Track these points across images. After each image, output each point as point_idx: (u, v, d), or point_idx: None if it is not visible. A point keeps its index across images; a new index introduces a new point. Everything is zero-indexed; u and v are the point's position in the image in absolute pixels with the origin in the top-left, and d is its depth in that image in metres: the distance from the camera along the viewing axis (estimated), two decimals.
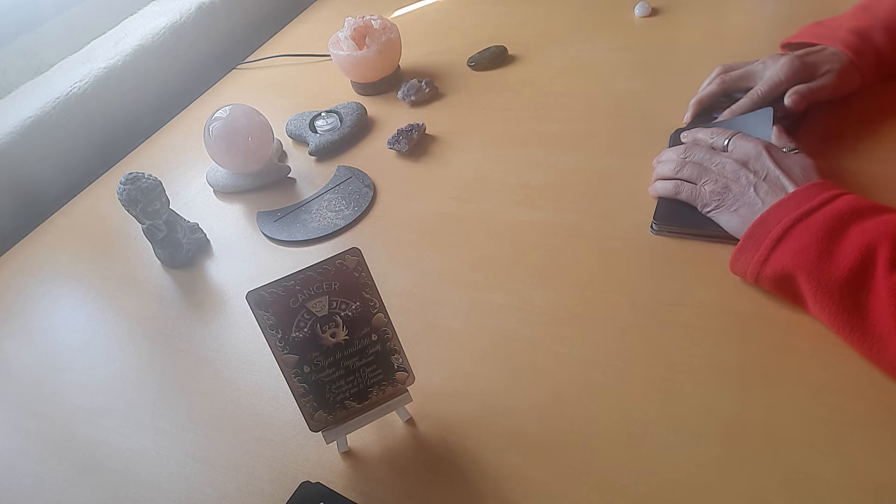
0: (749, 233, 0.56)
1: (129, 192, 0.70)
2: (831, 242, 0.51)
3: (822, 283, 0.51)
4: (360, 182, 0.81)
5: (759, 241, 0.55)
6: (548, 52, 0.97)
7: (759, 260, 0.55)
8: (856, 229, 0.51)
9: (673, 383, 0.52)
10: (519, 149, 0.81)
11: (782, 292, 0.55)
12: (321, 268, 0.48)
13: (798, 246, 0.52)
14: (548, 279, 0.63)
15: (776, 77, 0.70)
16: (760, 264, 0.55)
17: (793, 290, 0.54)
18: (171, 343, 0.67)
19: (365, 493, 0.50)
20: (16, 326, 0.73)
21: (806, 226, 0.53)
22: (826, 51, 0.71)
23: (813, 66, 0.70)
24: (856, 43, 0.70)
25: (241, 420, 0.58)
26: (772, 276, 0.54)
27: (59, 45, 1.03)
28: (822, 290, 0.51)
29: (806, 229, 0.53)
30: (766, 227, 0.55)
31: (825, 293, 0.51)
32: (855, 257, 0.50)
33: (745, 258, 0.56)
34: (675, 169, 0.65)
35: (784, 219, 0.54)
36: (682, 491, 0.46)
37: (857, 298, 0.49)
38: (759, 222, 0.56)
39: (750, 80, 0.73)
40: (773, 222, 0.55)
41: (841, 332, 0.51)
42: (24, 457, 0.59)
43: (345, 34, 0.95)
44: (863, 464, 0.45)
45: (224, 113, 0.82)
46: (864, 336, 0.49)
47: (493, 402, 0.54)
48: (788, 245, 0.53)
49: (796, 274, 0.52)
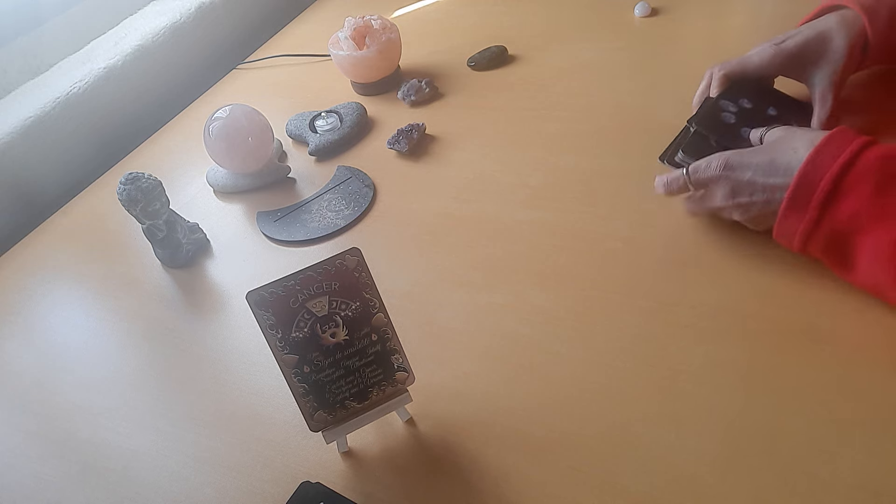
0: (790, 195, 0.53)
1: (129, 192, 0.70)
2: (886, 192, 0.49)
3: (882, 238, 0.48)
4: (360, 182, 0.81)
5: (804, 200, 0.52)
6: (548, 52, 0.97)
7: (809, 221, 0.52)
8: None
9: (673, 383, 0.52)
10: (519, 149, 0.81)
11: (830, 255, 0.53)
12: (321, 268, 0.47)
13: (854, 200, 0.50)
14: (548, 279, 0.63)
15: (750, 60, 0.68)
16: (812, 226, 0.52)
17: (843, 253, 0.51)
18: (171, 343, 0.67)
19: (365, 493, 0.50)
20: (16, 326, 0.73)
21: (855, 177, 0.50)
22: (812, 22, 0.69)
23: (788, 38, 0.68)
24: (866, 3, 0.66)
25: (241, 420, 0.58)
26: (826, 236, 0.52)
27: (59, 45, 1.03)
28: (882, 246, 0.48)
29: (856, 181, 0.50)
30: (809, 184, 0.51)
31: (887, 248, 0.48)
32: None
33: (792, 222, 0.53)
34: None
35: (826, 172, 0.51)
36: (682, 491, 0.46)
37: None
38: (798, 183, 0.52)
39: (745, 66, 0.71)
40: (816, 178, 0.51)
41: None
42: (24, 457, 0.59)
43: (345, 34, 0.95)
44: (863, 464, 0.45)
45: (224, 113, 0.82)
46: None
47: (493, 402, 0.54)
48: (842, 200, 0.50)
49: (855, 231, 0.50)
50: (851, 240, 0.51)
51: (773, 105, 0.69)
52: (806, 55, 0.67)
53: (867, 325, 0.53)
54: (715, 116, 0.67)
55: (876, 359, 0.51)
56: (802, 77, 0.69)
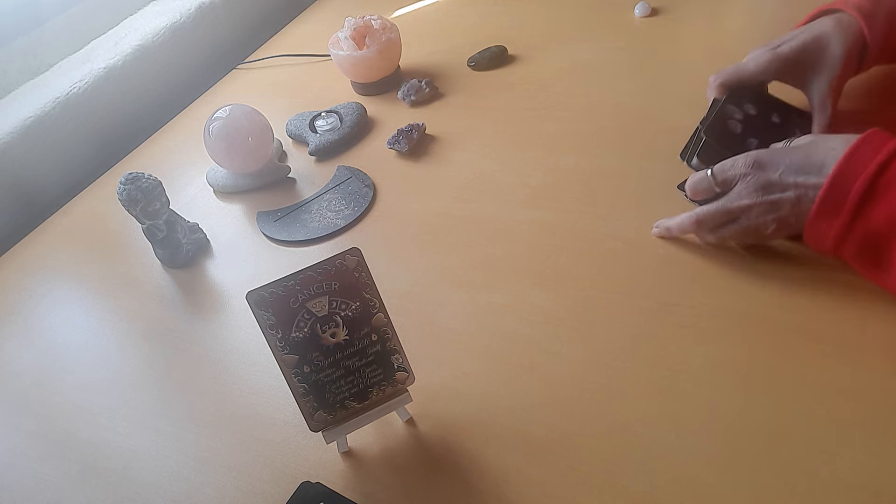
0: (823, 197, 0.51)
1: (129, 191, 0.70)
2: None
3: None
4: (360, 182, 0.81)
5: (838, 203, 0.50)
6: (548, 52, 0.97)
7: (842, 225, 0.50)
8: None
9: (673, 383, 0.52)
10: (519, 149, 0.81)
11: (864, 260, 0.51)
12: (321, 268, 0.47)
13: (891, 203, 0.48)
14: (548, 279, 0.63)
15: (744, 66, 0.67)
16: (846, 229, 0.50)
17: (878, 257, 0.50)
18: (171, 343, 0.67)
19: (365, 493, 0.50)
20: (16, 326, 0.73)
21: (891, 179, 0.48)
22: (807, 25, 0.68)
23: (784, 42, 0.67)
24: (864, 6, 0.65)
25: (241, 420, 0.58)
26: (860, 240, 0.50)
27: (59, 45, 1.03)
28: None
29: (893, 183, 0.48)
30: (843, 186, 0.49)
31: None
32: None
33: (825, 225, 0.51)
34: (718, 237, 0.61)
35: (861, 174, 0.49)
36: (682, 491, 0.46)
37: None
38: (832, 184, 0.50)
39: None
40: (851, 180, 0.49)
41: None
42: (24, 457, 0.59)
43: (345, 34, 0.95)
44: (863, 464, 0.45)
45: (224, 113, 0.82)
46: None
47: (493, 402, 0.54)
48: (879, 203, 0.48)
49: (891, 235, 0.48)
50: (886, 243, 0.50)
51: (775, 112, 0.69)
52: (803, 60, 0.66)
53: (867, 326, 0.53)
54: (723, 124, 0.66)
55: (876, 359, 0.51)
56: (800, 83, 0.68)
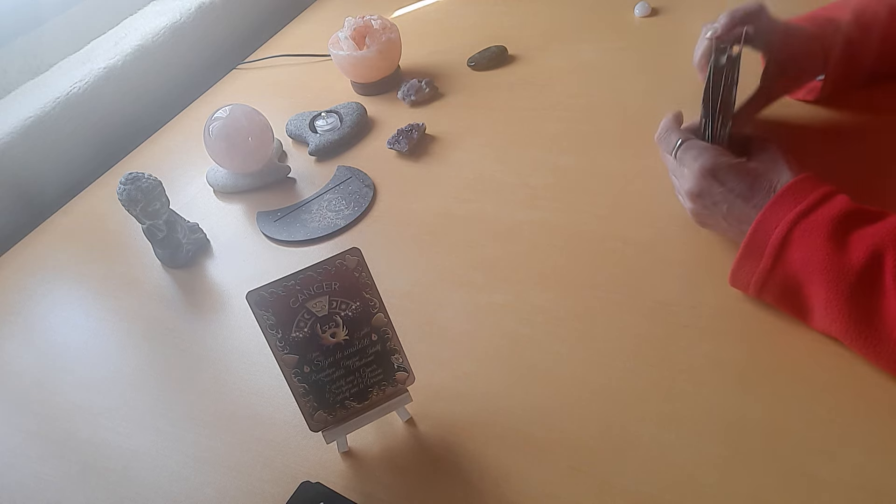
0: (747, 242, 0.53)
1: (129, 191, 0.70)
2: (838, 246, 0.49)
3: (833, 291, 0.48)
4: (360, 182, 0.81)
5: (759, 248, 0.52)
6: (548, 52, 0.97)
7: (763, 270, 0.52)
8: (858, 234, 0.49)
9: (673, 383, 0.52)
10: (519, 149, 0.81)
11: (785, 303, 0.53)
12: (321, 268, 0.48)
13: (806, 250, 0.50)
14: (548, 279, 0.63)
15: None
16: (766, 274, 0.52)
17: (797, 302, 0.52)
18: (171, 343, 0.67)
19: (365, 494, 0.50)
20: (16, 326, 0.73)
21: (808, 227, 0.50)
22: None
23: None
24: (819, 20, 0.67)
25: (241, 420, 0.58)
26: (779, 285, 0.52)
27: (59, 45, 1.03)
28: (832, 299, 0.48)
29: (809, 231, 0.50)
30: (765, 232, 0.52)
31: (836, 302, 0.48)
32: (863, 264, 0.47)
33: (747, 269, 0.54)
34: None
35: (782, 220, 0.51)
36: (682, 491, 0.46)
37: (869, 307, 0.47)
38: (755, 230, 0.53)
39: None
40: (771, 226, 0.52)
41: (853, 343, 0.49)
42: (24, 457, 0.59)
43: (345, 34, 0.95)
44: (863, 464, 0.45)
45: (224, 113, 0.82)
46: (879, 345, 0.47)
47: (493, 402, 0.54)
48: (795, 249, 0.50)
49: (805, 282, 0.50)
50: (800, 287, 0.51)
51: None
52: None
53: None
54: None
55: None
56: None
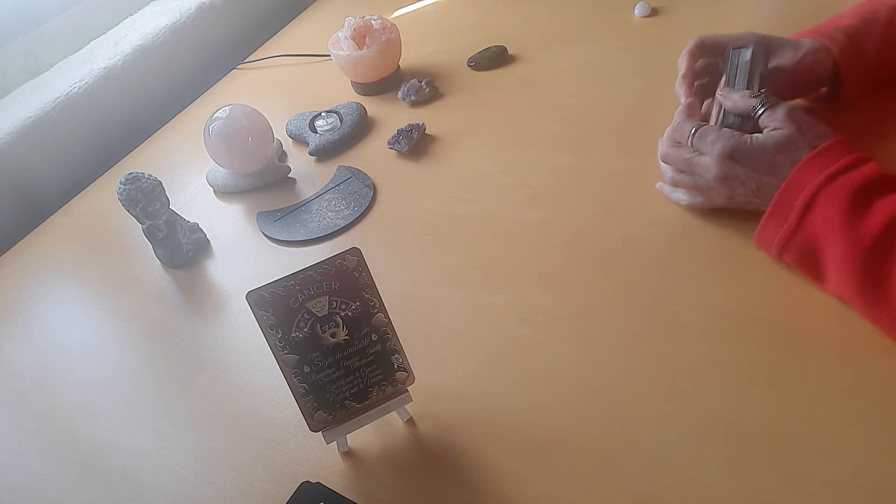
0: (775, 202, 0.55)
1: (129, 191, 0.70)
2: (859, 210, 0.51)
3: (849, 252, 0.50)
4: (360, 182, 0.81)
5: (786, 208, 0.54)
6: (548, 52, 0.97)
7: (787, 230, 0.54)
8: (882, 200, 0.51)
9: (673, 383, 0.52)
10: (519, 149, 0.81)
11: (804, 265, 0.55)
12: (321, 268, 0.47)
13: (828, 212, 0.52)
14: (548, 279, 0.63)
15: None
16: (789, 235, 0.54)
17: (815, 264, 0.54)
18: (171, 343, 0.67)
19: (365, 494, 0.50)
20: (16, 326, 0.73)
21: (833, 190, 0.52)
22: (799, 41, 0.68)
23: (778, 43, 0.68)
24: (838, 38, 0.67)
25: (241, 420, 0.58)
26: (800, 246, 0.54)
27: (59, 45, 1.03)
28: (847, 259, 0.51)
29: (834, 194, 0.52)
30: (793, 193, 0.54)
31: (850, 263, 0.50)
32: (881, 228, 0.49)
33: (772, 228, 0.56)
34: (672, 177, 0.65)
35: (810, 183, 0.53)
36: (682, 491, 0.46)
37: (882, 271, 0.49)
38: (784, 189, 0.55)
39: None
40: (799, 188, 0.54)
41: (862, 306, 0.51)
42: (24, 457, 0.59)
43: (345, 34, 0.95)
44: (863, 464, 0.45)
45: (224, 113, 0.82)
46: (886, 310, 0.50)
47: (493, 402, 0.54)
48: (818, 212, 0.52)
49: (823, 244, 0.52)
50: (820, 249, 0.53)
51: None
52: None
53: (868, 326, 0.53)
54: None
55: (876, 359, 0.51)
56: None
